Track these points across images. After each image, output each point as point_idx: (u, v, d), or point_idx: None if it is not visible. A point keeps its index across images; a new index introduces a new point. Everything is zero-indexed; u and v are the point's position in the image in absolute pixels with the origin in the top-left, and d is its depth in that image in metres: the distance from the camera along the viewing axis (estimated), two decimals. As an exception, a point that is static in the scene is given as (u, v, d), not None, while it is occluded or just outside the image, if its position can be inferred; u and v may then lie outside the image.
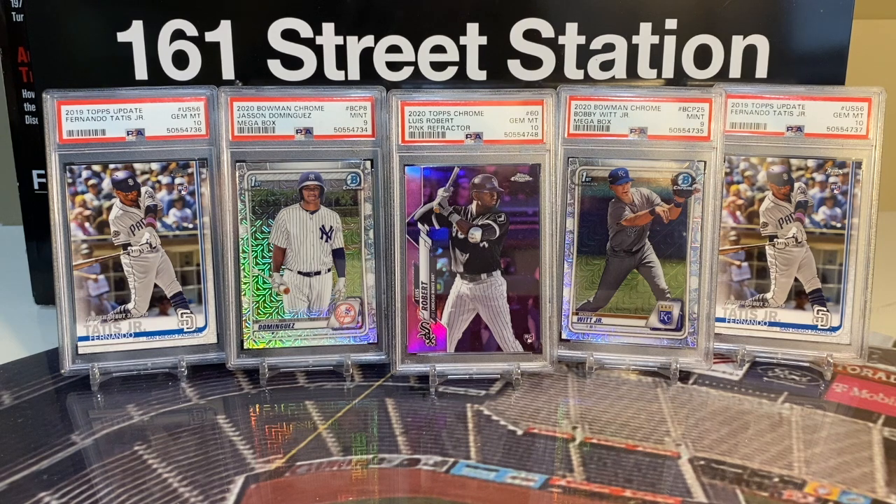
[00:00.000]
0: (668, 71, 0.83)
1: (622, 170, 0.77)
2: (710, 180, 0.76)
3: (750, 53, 0.82)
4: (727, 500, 0.62)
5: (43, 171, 0.88)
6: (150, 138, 0.76)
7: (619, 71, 0.83)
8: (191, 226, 0.78)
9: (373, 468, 0.65)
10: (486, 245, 0.77)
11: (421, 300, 0.76)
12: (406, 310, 0.76)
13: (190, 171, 0.77)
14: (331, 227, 0.78)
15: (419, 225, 0.76)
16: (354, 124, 0.77)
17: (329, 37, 0.81)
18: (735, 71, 0.83)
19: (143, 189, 0.77)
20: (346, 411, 0.73)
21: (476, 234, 0.76)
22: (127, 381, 0.77)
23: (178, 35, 0.81)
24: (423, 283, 0.76)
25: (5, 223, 1.14)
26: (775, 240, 0.79)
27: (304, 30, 0.81)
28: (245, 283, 0.77)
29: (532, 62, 0.82)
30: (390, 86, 0.80)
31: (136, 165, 0.77)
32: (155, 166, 0.77)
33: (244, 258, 0.77)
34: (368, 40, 0.81)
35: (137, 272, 0.77)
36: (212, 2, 0.80)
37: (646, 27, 0.82)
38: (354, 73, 0.82)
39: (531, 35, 0.82)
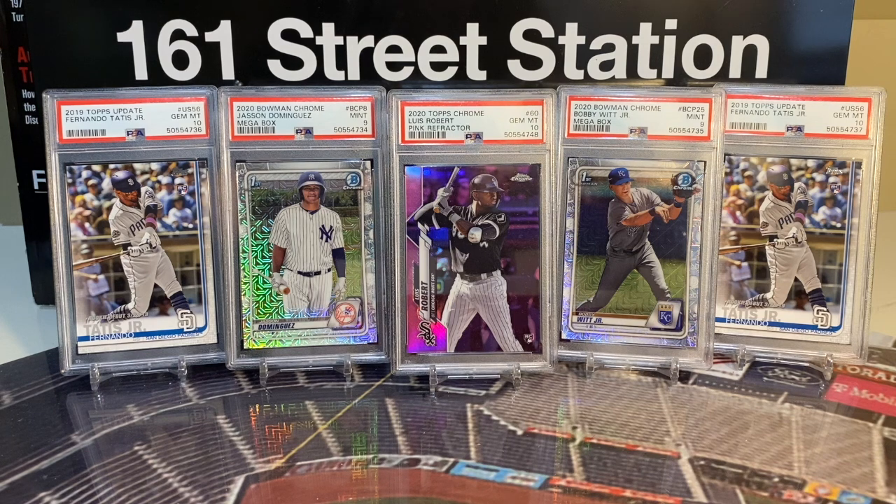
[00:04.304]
0: (668, 71, 0.83)
1: (622, 170, 0.77)
2: (710, 180, 0.76)
3: (750, 53, 0.82)
4: (727, 500, 0.62)
5: (43, 171, 0.88)
6: (150, 138, 0.76)
7: (619, 71, 0.83)
8: (191, 226, 0.78)
9: (373, 468, 0.65)
10: (486, 245, 0.77)
11: (421, 300, 0.76)
12: (406, 310, 0.76)
13: (190, 171, 0.77)
14: (331, 227, 0.78)
15: (419, 225, 0.76)
16: (354, 124, 0.77)
17: (329, 37, 0.81)
18: (735, 71, 0.83)
19: (143, 189, 0.77)
20: (346, 411, 0.73)
21: (476, 234, 0.76)
22: (127, 381, 0.77)
23: (178, 35, 0.81)
24: (423, 283, 0.77)
25: (5, 223, 1.14)
26: (775, 240, 0.79)
27: (304, 30, 0.81)
28: (245, 283, 0.77)
29: (532, 62, 0.82)
30: (390, 86, 0.80)
31: (136, 165, 0.77)
32: (155, 166, 0.77)
33: (244, 258, 0.77)
34: (368, 40, 0.81)
35: (137, 272, 0.77)
36: (212, 2, 0.80)
37: (646, 27, 0.82)
38: (354, 73, 0.82)
39: (531, 35, 0.82)
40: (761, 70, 0.83)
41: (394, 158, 0.76)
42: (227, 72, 0.82)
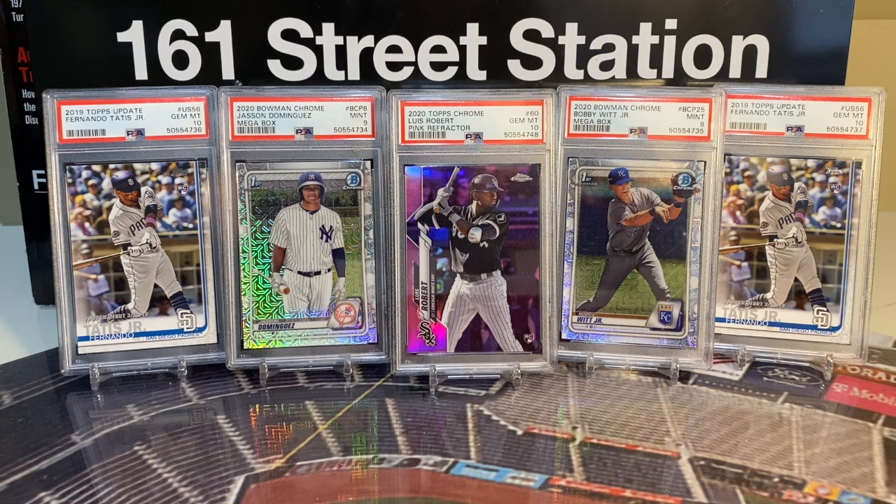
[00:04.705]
0: (668, 71, 0.83)
1: (622, 170, 0.77)
2: (710, 180, 0.76)
3: (750, 53, 0.82)
4: (727, 500, 0.62)
5: (43, 171, 0.88)
6: (150, 138, 0.76)
7: (619, 71, 0.83)
8: (191, 226, 0.78)
9: (373, 468, 0.65)
10: (486, 245, 0.77)
11: (421, 300, 0.76)
12: (406, 310, 0.76)
13: (190, 171, 0.77)
14: (331, 227, 0.78)
15: (419, 225, 0.76)
16: (354, 124, 0.77)
17: (329, 37, 0.81)
18: (735, 71, 0.83)
19: (143, 189, 0.77)
20: (346, 411, 0.73)
21: (476, 234, 0.76)
22: (127, 381, 0.77)
23: (178, 35, 0.81)
24: (423, 283, 0.77)
25: (5, 223, 1.14)
26: (775, 240, 0.79)
27: (304, 30, 0.81)
28: (245, 283, 0.77)
29: (532, 62, 0.82)
30: (390, 86, 0.80)
31: (136, 165, 0.77)
32: (155, 166, 0.77)
33: (244, 258, 0.77)
34: (368, 40, 0.81)
35: (137, 272, 0.77)
36: (212, 2, 0.80)
37: (646, 27, 0.82)
38: (354, 73, 0.82)
39: (531, 35, 0.82)
40: (761, 70, 0.83)
41: (394, 158, 0.76)
42: (227, 72, 0.82)
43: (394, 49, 0.82)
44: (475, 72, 0.82)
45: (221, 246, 0.77)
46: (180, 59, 0.81)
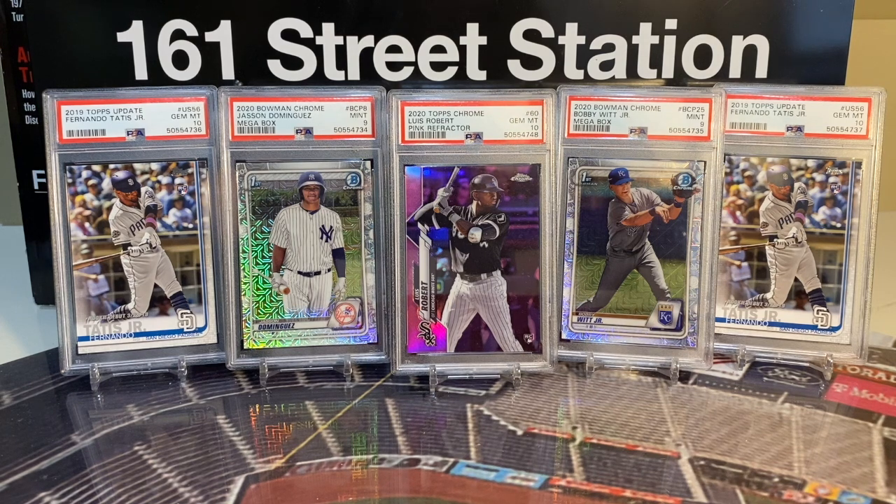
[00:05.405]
0: (668, 71, 0.83)
1: (622, 170, 0.77)
2: (710, 180, 0.76)
3: (750, 53, 0.82)
4: (727, 500, 0.62)
5: (43, 171, 0.88)
6: (150, 138, 0.76)
7: (619, 71, 0.83)
8: (191, 226, 0.78)
9: (373, 468, 0.65)
10: (486, 245, 0.77)
11: (421, 300, 0.76)
12: (406, 310, 0.76)
13: (190, 171, 0.77)
14: (331, 227, 0.78)
15: (419, 225, 0.76)
16: (354, 124, 0.77)
17: (329, 37, 0.81)
18: (735, 71, 0.83)
19: (143, 189, 0.77)
20: (346, 411, 0.73)
21: (476, 234, 0.76)
22: (127, 381, 0.77)
23: (178, 35, 0.81)
24: (423, 283, 0.77)
25: (5, 223, 1.14)
26: (775, 240, 0.79)
27: (304, 30, 0.81)
28: (245, 283, 0.77)
29: (532, 62, 0.82)
30: (390, 86, 0.80)
31: (136, 165, 0.77)
32: (155, 166, 0.77)
33: (244, 258, 0.77)
34: (368, 40, 0.81)
35: (137, 272, 0.77)
36: (212, 2, 0.80)
37: (646, 27, 0.82)
38: (354, 73, 0.82)
39: (531, 35, 0.82)
40: (761, 70, 0.83)
41: (394, 158, 0.76)
42: (227, 72, 0.82)
43: (394, 49, 0.82)
44: (475, 72, 0.82)
45: (221, 246, 0.77)
46: (180, 59, 0.81)
